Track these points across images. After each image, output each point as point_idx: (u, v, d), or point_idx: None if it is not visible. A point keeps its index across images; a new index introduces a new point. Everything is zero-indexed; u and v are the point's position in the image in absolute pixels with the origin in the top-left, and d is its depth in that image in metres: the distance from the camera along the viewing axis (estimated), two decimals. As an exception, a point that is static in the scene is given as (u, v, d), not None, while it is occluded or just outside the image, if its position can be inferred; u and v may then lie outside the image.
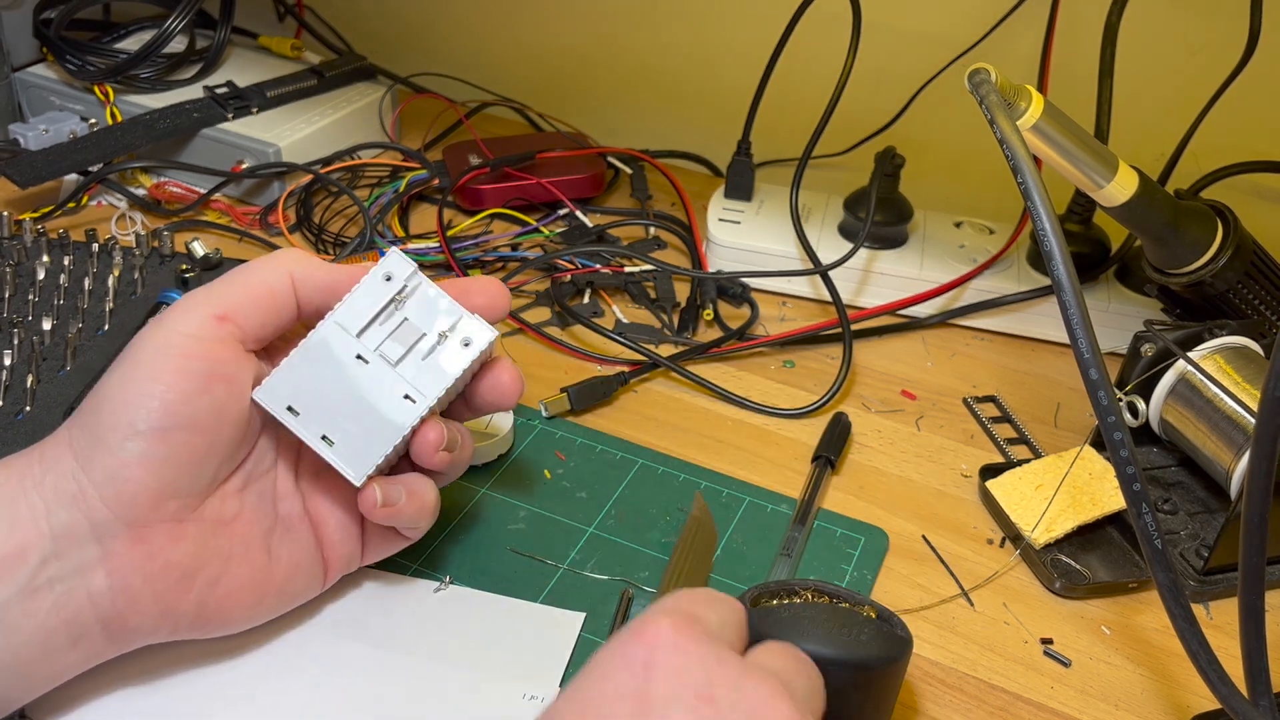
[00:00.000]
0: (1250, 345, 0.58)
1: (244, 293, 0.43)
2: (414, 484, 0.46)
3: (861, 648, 0.41)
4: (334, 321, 0.44)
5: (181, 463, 0.41)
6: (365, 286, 0.44)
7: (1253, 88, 0.69)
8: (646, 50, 0.96)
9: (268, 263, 0.44)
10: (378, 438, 0.44)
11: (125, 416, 0.40)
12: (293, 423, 0.43)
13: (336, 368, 0.44)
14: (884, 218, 0.74)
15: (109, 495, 0.40)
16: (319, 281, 0.44)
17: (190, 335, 0.41)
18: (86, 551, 0.40)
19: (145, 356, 0.41)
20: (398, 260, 0.44)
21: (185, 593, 0.42)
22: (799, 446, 0.62)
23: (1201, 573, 0.54)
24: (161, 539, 0.41)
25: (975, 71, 0.49)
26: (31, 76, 0.84)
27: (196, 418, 0.41)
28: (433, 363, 0.45)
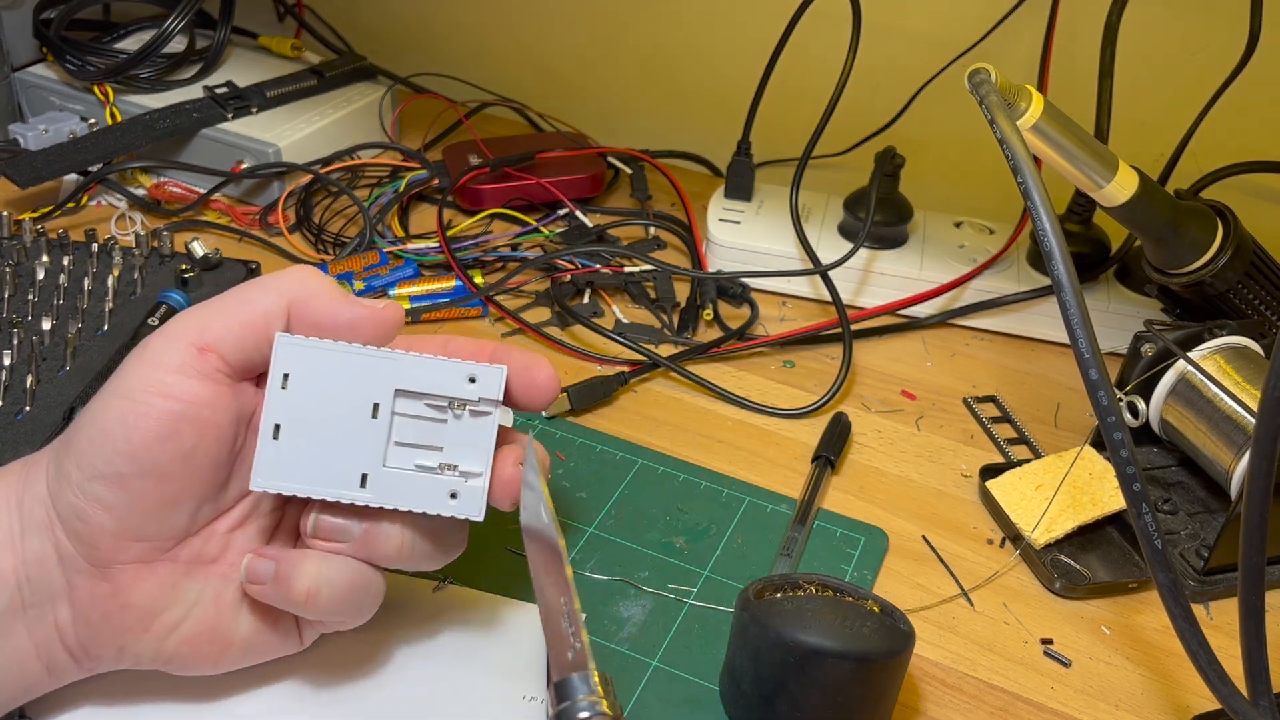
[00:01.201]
0: (1250, 345, 0.58)
1: (233, 320, 0.39)
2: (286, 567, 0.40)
3: (863, 641, 0.41)
4: (396, 361, 0.40)
5: (145, 509, 0.39)
6: (448, 366, 0.40)
7: (1253, 88, 0.69)
8: (646, 50, 0.96)
9: (267, 286, 0.41)
10: (306, 474, 0.40)
11: (89, 456, 0.38)
12: (273, 389, 0.39)
13: (353, 393, 0.40)
14: (884, 218, 0.74)
15: (71, 532, 0.38)
16: (318, 318, 0.40)
17: (166, 369, 0.38)
18: (53, 581, 0.39)
19: (121, 388, 0.38)
20: (495, 378, 0.41)
21: (142, 633, 0.40)
22: (799, 446, 0.62)
23: (1201, 573, 0.54)
24: (125, 578, 0.39)
25: (975, 71, 0.49)
26: (31, 76, 0.84)
27: (160, 465, 0.38)
28: (413, 481, 0.40)
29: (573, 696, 0.36)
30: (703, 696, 0.46)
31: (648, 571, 0.52)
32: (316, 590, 0.40)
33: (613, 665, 0.47)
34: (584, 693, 0.36)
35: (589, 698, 0.36)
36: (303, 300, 0.40)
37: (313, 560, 0.40)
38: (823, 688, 0.41)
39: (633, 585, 0.51)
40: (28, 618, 0.39)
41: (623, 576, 0.52)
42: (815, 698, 0.42)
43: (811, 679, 0.41)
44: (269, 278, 0.41)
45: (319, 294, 0.41)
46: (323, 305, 0.40)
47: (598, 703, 0.35)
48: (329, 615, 0.41)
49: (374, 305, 0.41)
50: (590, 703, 0.36)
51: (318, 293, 0.41)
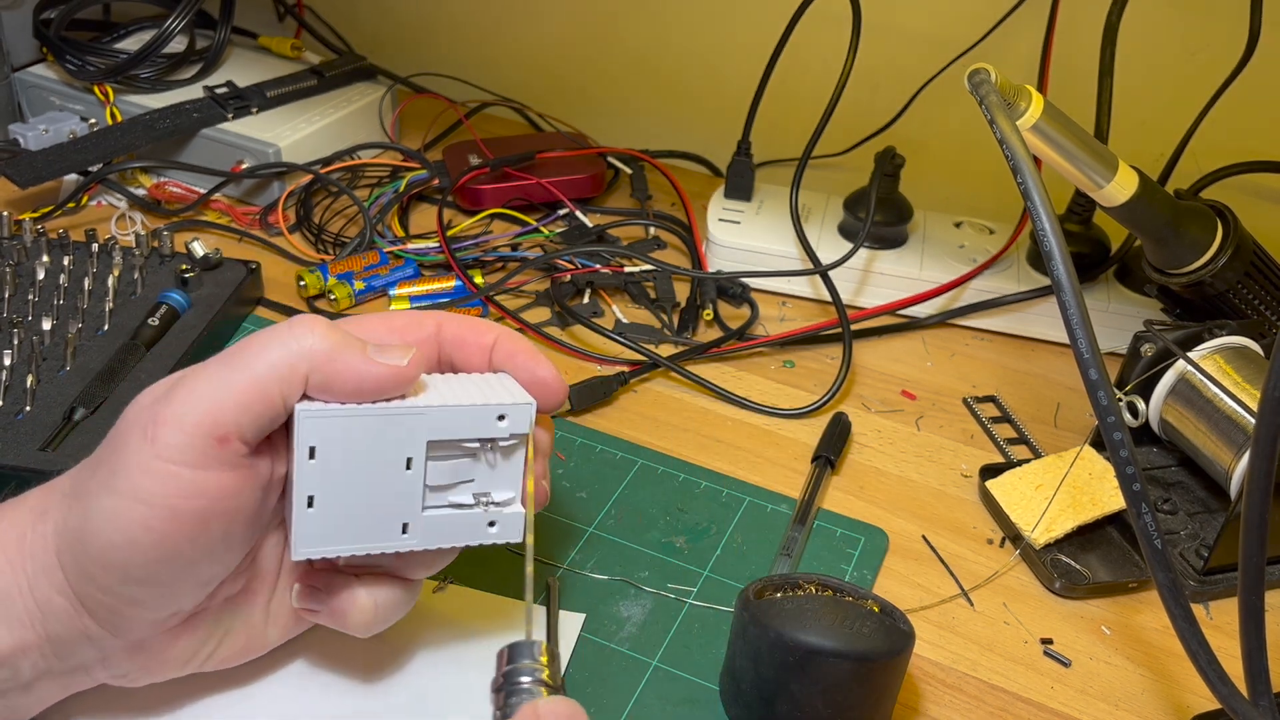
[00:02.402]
0: (1250, 345, 0.58)
1: (250, 397, 0.36)
2: (341, 603, 0.41)
3: (863, 640, 0.41)
4: (425, 415, 0.39)
5: (181, 594, 0.38)
6: (478, 411, 0.39)
7: (1253, 88, 0.69)
8: (646, 50, 0.96)
9: (281, 350, 0.37)
10: (348, 535, 0.39)
11: (117, 562, 0.36)
12: (302, 463, 0.38)
13: (383, 452, 0.39)
14: (884, 218, 0.74)
15: (105, 624, 0.38)
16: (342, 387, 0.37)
17: (185, 465, 0.35)
18: (86, 655, 0.39)
19: (136, 489, 0.35)
20: (524, 415, 0.40)
21: (180, 670, 0.41)
22: (799, 446, 0.62)
23: (1201, 573, 0.54)
24: (163, 642, 0.40)
25: (975, 71, 0.49)
26: (31, 76, 0.84)
27: (194, 558, 0.37)
28: (453, 519, 0.41)
29: (518, 660, 0.37)
30: (703, 696, 0.46)
31: (648, 571, 0.52)
32: (372, 616, 0.41)
33: (613, 665, 0.47)
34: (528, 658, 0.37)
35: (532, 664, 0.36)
36: (319, 370, 0.37)
37: (362, 592, 0.41)
38: (823, 688, 0.41)
39: (633, 585, 0.51)
40: (59, 680, 0.39)
41: (623, 576, 0.52)
42: (815, 698, 0.42)
43: (811, 679, 0.41)
44: (273, 341, 0.37)
45: (333, 359, 0.37)
46: (340, 373, 0.37)
47: (539, 669, 0.36)
48: (378, 629, 0.42)
49: (397, 364, 0.38)
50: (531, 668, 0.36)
51: (332, 358, 0.37)
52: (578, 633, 0.48)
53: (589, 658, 0.48)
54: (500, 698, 0.36)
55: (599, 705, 0.46)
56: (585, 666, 0.47)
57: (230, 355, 0.37)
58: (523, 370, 0.43)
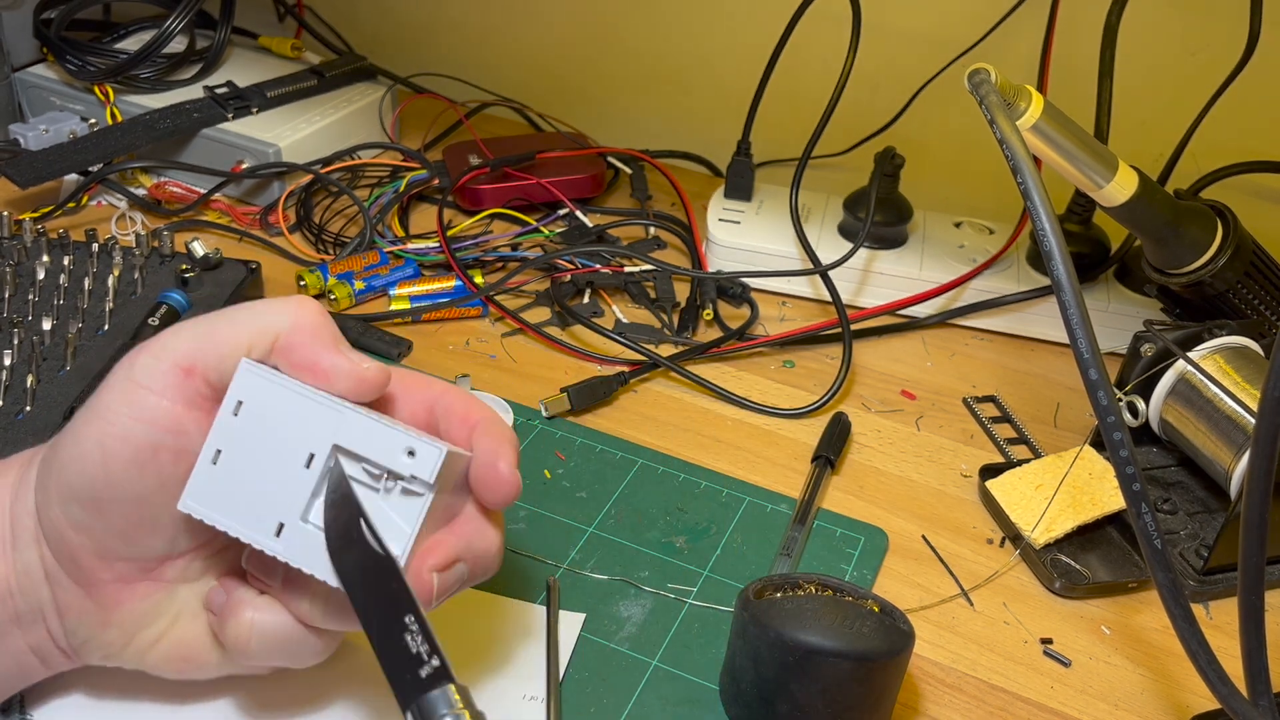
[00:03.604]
0: (1250, 345, 0.58)
1: (222, 341, 0.38)
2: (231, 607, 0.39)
3: (863, 640, 0.41)
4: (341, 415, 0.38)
5: (122, 532, 0.38)
6: (388, 433, 0.37)
7: (1253, 88, 0.69)
8: (646, 50, 0.96)
9: (260, 315, 0.39)
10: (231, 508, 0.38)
11: (67, 476, 0.37)
12: (224, 414, 0.38)
13: (293, 438, 0.38)
14: (884, 218, 0.74)
15: (55, 549, 0.38)
16: (297, 357, 0.38)
17: (146, 389, 0.37)
18: (40, 594, 0.39)
19: (102, 406, 0.37)
20: (433, 461, 0.37)
21: (123, 647, 0.40)
22: (799, 446, 0.62)
23: (1201, 573, 0.54)
24: (109, 596, 0.39)
25: (975, 71, 0.49)
26: (31, 76, 0.84)
27: (138, 491, 0.37)
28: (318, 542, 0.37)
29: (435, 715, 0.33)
30: (703, 696, 0.46)
31: (648, 571, 0.52)
32: (246, 638, 0.38)
33: (613, 665, 0.47)
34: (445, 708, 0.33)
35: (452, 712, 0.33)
36: (288, 336, 0.38)
37: (249, 609, 0.39)
38: (823, 688, 0.42)
39: (633, 585, 0.52)
40: (22, 624, 0.39)
41: (623, 576, 0.52)
42: (815, 698, 0.42)
43: (811, 679, 0.41)
44: (265, 304, 0.39)
45: (305, 332, 0.38)
46: (305, 345, 0.38)
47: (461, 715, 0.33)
48: (259, 661, 0.40)
49: (356, 362, 0.39)
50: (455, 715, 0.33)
51: (304, 331, 0.38)
52: (578, 633, 0.48)
53: (589, 658, 0.48)
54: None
55: (599, 705, 0.46)
56: (585, 666, 0.47)
57: (224, 309, 0.40)
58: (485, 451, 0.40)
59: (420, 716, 0.33)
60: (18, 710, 0.42)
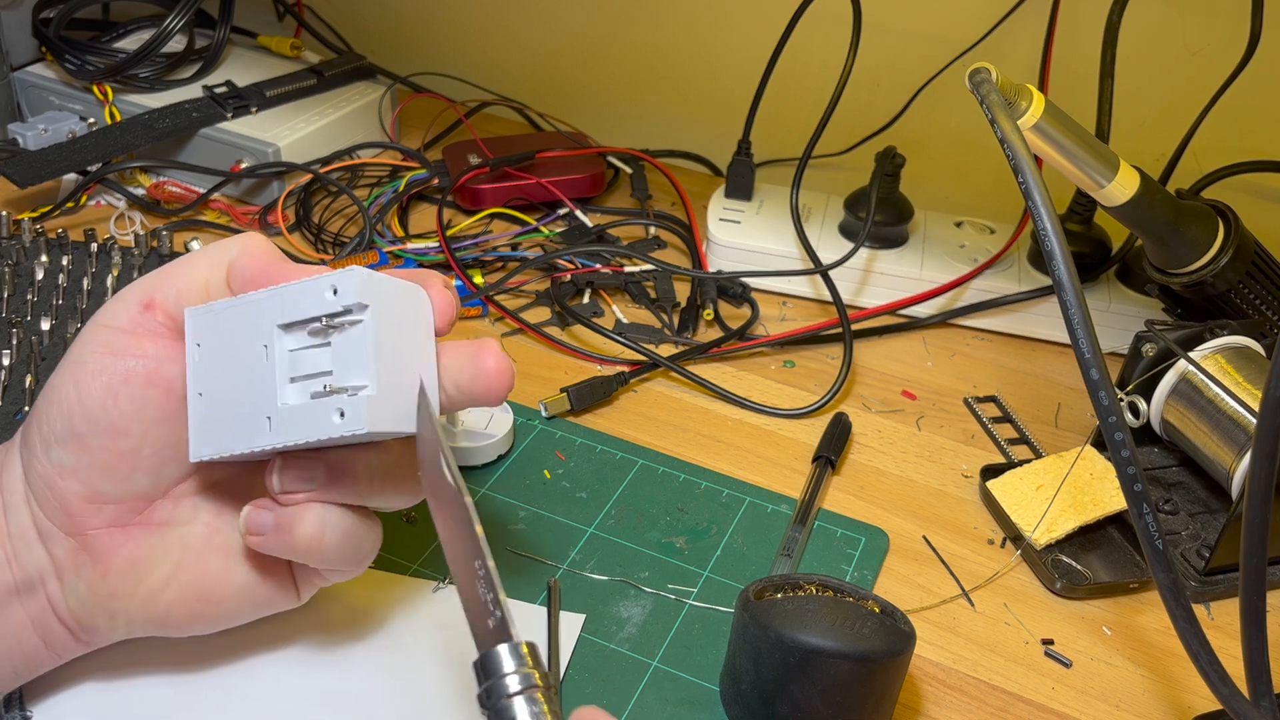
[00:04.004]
0: (1251, 345, 0.58)
1: (177, 281, 0.40)
2: (288, 516, 0.39)
3: (864, 641, 0.41)
4: (266, 298, 0.39)
5: (107, 467, 0.39)
6: (309, 285, 0.38)
7: (1253, 88, 0.69)
8: (646, 50, 0.96)
9: (211, 251, 0.41)
10: (229, 434, 0.39)
11: (47, 422, 0.39)
12: (191, 359, 0.39)
13: (246, 341, 0.39)
14: (884, 217, 0.74)
15: (44, 503, 0.39)
16: (252, 274, 0.40)
17: (112, 328, 0.39)
18: (38, 557, 0.40)
19: (74, 353, 0.39)
20: (352, 281, 0.37)
21: (130, 597, 0.40)
22: (799, 446, 0.62)
23: (1202, 573, 0.54)
24: (102, 545, 0.40)
25: (976, 71, 0.48)
26: (30, 76, 0.84)
27: (115, 420, 0.38)
28: (307, 409, 0.38)
29: (500, 671, 0.33)
30: (703, 696, 0.46)
31: (648, 571, 0.52)
32: (320, 535, 0.39)
33: (613, 665, 0.47)
34: (513, 665, 0.33)
35: (520, 670, 0.33)
36: (240, 259, 0.40)
37: (314, 508, 0.39)
38: (823, 688, 0.41)
39: (633, 585, 0.51)
40: (21, 594, 0.40)
41: (623, 576, 0.52)
42: (815, 698, 0.42)
43: (811, 679, 0.41)
44: (220, 243, 0.41)
45: (255, 254, 0.40)
46: (256, 262, 0.40)
47: (530, 674, 0.33)
48: (332, 562, 0.41)
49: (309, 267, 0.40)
50: (524, 674, 0.33)
51: (254, 253, 0.40)
52: (578, 633, 0.48)
53: (589, 658, 0.47)
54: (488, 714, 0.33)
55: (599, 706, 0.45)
56: (585, 667, 0.47)
57: (183, 256, 0.42)
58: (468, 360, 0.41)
59: (484, 671, 0.33)
60: (18, 707, 0.42)
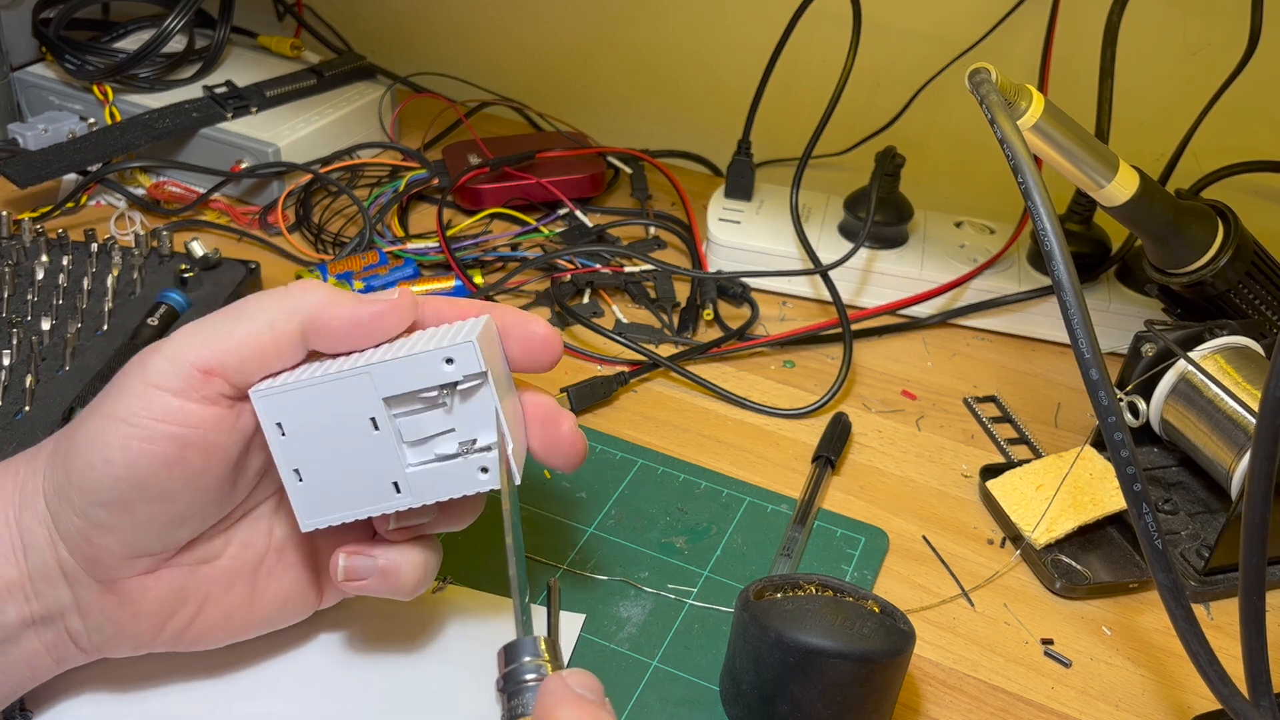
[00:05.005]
0: (1251, 345, 0.58)
1: (242, 341, 0.38)
2: (393, 560, 0.41)
3: (864, 641, 0.41)
4: (370, 373, 0.39)
5: (150, 529, 0.38)
6: (421, 359, 0.39)
7: (1253, 88, 0.69)
8: (646, 50, 0.96)
9: (278, 303, 0.39)
10: (345, 501, 0.40)
11: (91, 481, 0.37)
12: (275, 440, 0.39)
13: (345, 417, 0.39)
14: (884, 217, 0.74)
15: (75, 552, 0.38)
16: (336, 331, 0.39)
17: (169, 391, 0.37)
18: (60, 595, 0.39)
19: (122, 409, 0.37)
20: (469, 354, 0.38)
21: (157, 634, 0.41)
22: (799, 446, 0.62)
23: (1202, 573, 0.54)
24: (132, 590, 0.39)
25: (976, 71, 0.48)
26: (30, 76, 0.84)
27: (166, 489, 0.38)
28: (441, 471, 0.40)
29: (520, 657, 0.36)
30: (703, 696, 0.46)
31: (648, 571, 0.52)
32: (426, 573, 0.42)
33: (613, 665, 0.47)
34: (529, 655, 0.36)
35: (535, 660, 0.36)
36: (316, 314, 0.39)
37: (417, 549, 0.41)
38: (823, 688, 0.41)
39: (633, 585, 0.51)
40: (39, 628, 0.39)
41: (623, 576, 0.52)
42: (815, 698, 0.42)
43: (811, 679, 0.41)
44: (275, 295, 0.39)
45: (330, 304, 0.39)
46: (338, 313, 0.39)
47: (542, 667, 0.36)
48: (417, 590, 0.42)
49: (388, 297, 0.40)
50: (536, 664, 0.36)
51: (328, 303, 0.39)
52: (578, 633, 0.48)
53: (589, 658, 0.47)
54: (506, 698, 0.36)
55: (599, 706, 0.45)
56: (585, 667, 0.47)
57: (231, 307, 0.39)
58: (515, 328, 0.42)
59: (507, 657, 0.36)
60: (18, 712, 0.42)
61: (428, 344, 0.39)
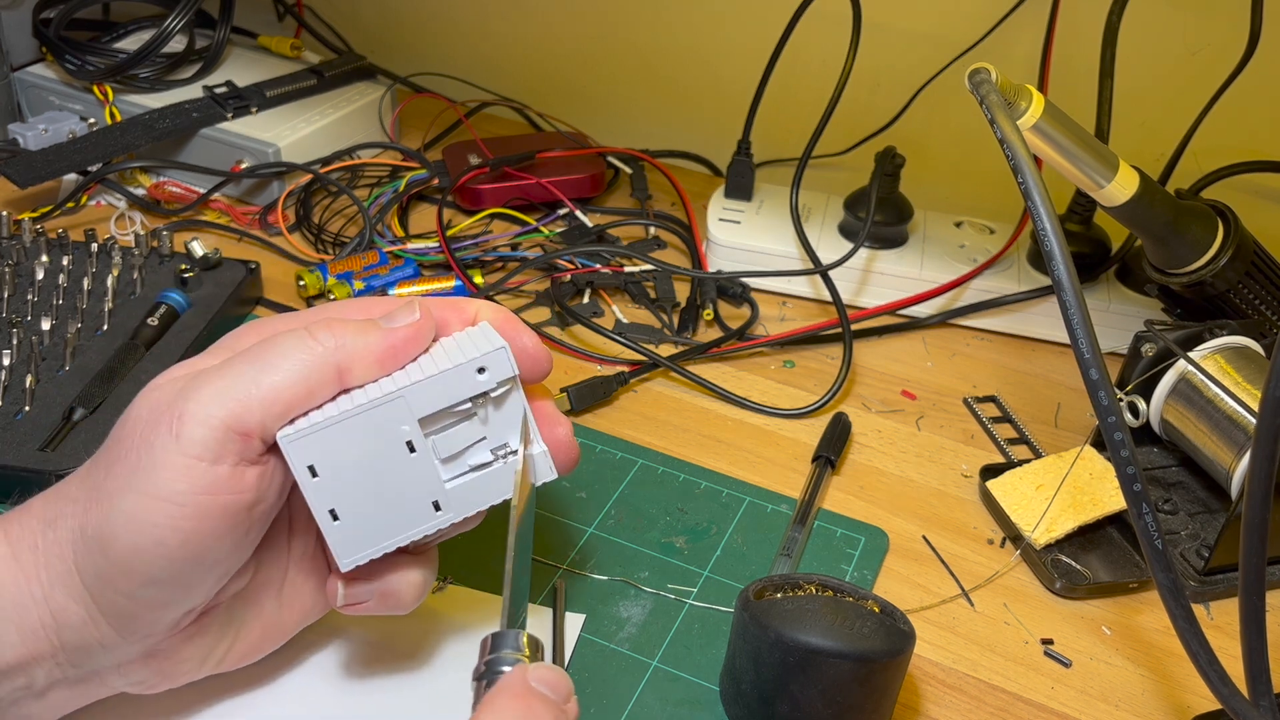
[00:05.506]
0: (1251, 345, 0.58)
1: (275, 394, 0.37)
2: (391, 584, 0.41)
3: (863, 641, 0.41)
4: (403, 397, 0.38)
5: (203, 593, 0.38)
6: (455, 373, 0.39)
7: (1253, 88, 0.69)
8: (646, 50, 0.96)
9: (308, 350, 0.37)
10: (384, 531, 0.40)
11: (140, 565, 0.36)
12: (307, 484, 0.38)
13: (380, 445, 0.39)
14: (884, 217, 0.74)
15: (122, 630, 0.37)
16: (370, 365, 0.38)
17: (208, 462, 0.35)
18: (99, 660, 0.38)
19: (161, 489, 0.35)
20: (503, 360, 0.39)
21: (199, 668, 0.41)
22: (799, 446, 0.62)
23: (1202, 573, 0.54)
24: (174, 644, 0.39)
25: (976, 71, 0.48)
26: (31, 76, 0.84)
27: (216, 556, 0.37)
28: (479, 480, 0.40)
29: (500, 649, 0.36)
30: (703, 696, 0.46)
31: (648, 571, 0.52)
32: (425, 591, 0.42)
33: (613, 665, 0.47)
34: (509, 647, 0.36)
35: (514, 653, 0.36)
36: (350, 355, 0.38)
37: (416, 571, 0.41)
38: (823, 688, 0.41)
39: (633, 585, 0.51)
40: (72, 684, 0.39)
41: (623, 576, 0.52)
42: (815, 698, 0.42)
43: (811, 679, 0.41)
44: (301, 341, 0.38)
45: (360, 341, 0.38)
46: (370, 348, 0.38)
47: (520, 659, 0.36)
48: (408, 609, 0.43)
49: (412, 319, 0.39)
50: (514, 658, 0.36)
51: (358, 340, 0.38)
52: (578, 633, 0.48)
53: (589, 658, 0.48)
54: (481, 686, 0.35)
55: (599, 706, 0.45)
56: (585, 667, 0.47)
57: (254, 355, 0.38)
58: (509, 340, 0.41)
59: (490, 646, 0.36)
60: None
61: (455, 357, 0.39)
